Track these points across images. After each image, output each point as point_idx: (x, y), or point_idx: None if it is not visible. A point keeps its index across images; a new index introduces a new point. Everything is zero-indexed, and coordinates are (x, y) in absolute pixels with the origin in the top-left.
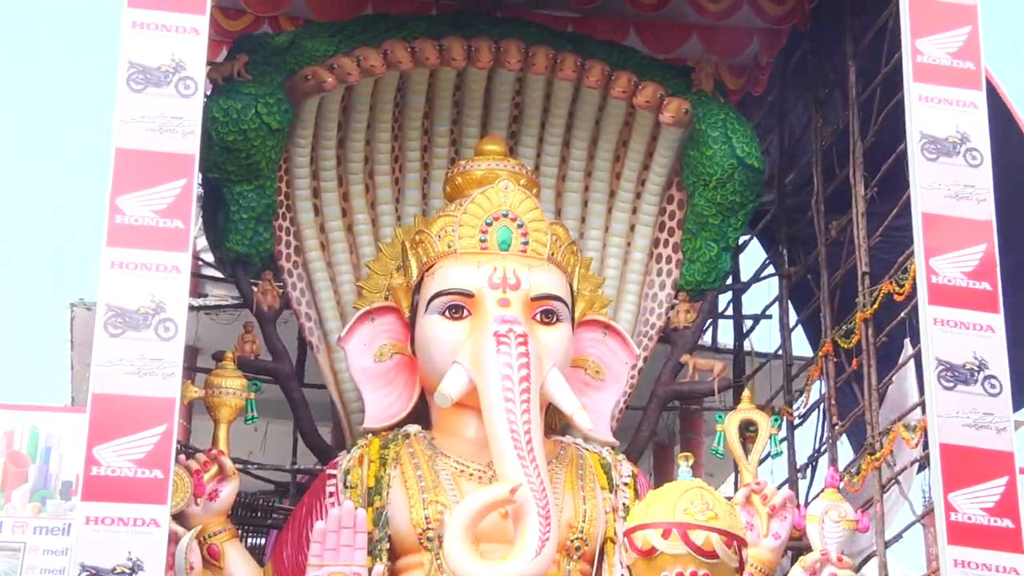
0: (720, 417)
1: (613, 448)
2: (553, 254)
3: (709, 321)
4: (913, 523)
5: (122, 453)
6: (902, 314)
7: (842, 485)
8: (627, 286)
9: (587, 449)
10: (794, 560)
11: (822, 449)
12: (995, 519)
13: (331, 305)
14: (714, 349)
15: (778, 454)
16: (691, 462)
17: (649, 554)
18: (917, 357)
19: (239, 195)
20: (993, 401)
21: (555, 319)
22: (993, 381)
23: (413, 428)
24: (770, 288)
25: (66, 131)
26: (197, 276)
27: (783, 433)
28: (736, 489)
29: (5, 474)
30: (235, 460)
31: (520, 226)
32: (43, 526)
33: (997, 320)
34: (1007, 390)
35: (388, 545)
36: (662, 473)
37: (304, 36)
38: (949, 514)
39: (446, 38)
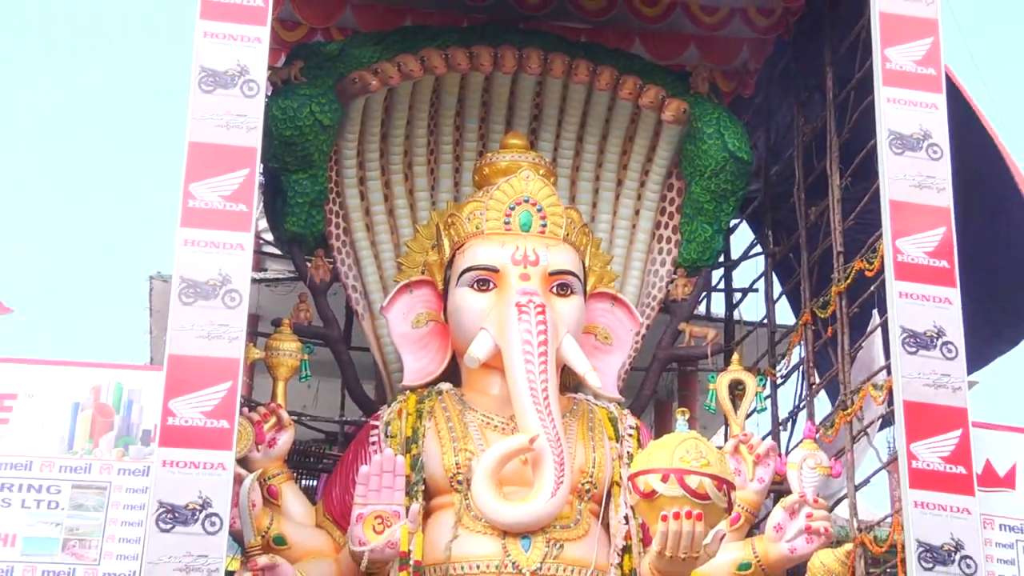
0: (712, 377)
1: (619, 404)
2: (568, 235)
3: (703, 294)
4: (879, 469)
5: (194, 406)
6: (871, 288)
7: (818, 436)
8: (632, 263)
9: (596, 404)
10: (776, 501)
11: (801, 405)
12: (950, 466)
13: (374, 279)
14: (707, 318)
15: (763, 409)
16: (687, 416)
17: (650, 496)
18: (884, 326)
19: (295, 183)
20: (950, 364)
21: (569, 292)
22: (950, 347)
23: (445, 386)
24: (757, 265)
25: (147, 126)
26: (258, 253)
27: (767, 391)
28: (726, 440)
29: (93, 423)
30: (291, 413)
31: (539, 210)
32: (126, 468)
33: (954, 294)
34: (962, 355)
35: (423, 487)
36: (662, 426)
37: (352, 45)
38: (911, 462)
39: (475, 47)
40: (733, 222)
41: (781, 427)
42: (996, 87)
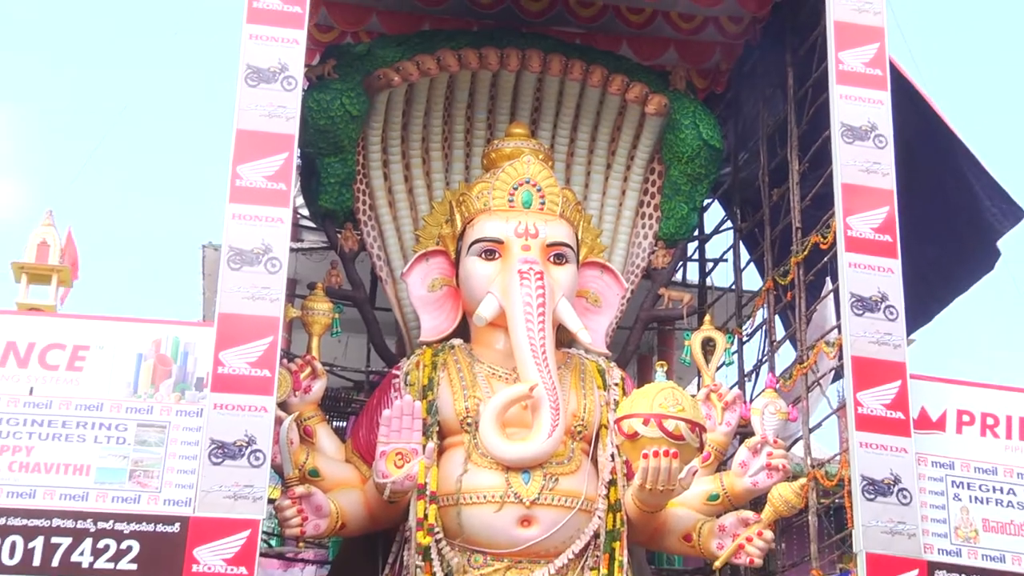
0: (687, 335)
1: (607, 358)
2: (563, 211)
3: (680, 263)
4: (830, 415)
5: (240, 357)
6: (825, 259)
7: (778, 387)
8: (619, 236)
9: (587, 358)
10: (741, 442)
11: (763, 360)
12: (890, 412)
13: (396, 248)
14: (683, 284)
15: (730, 363)
16: (665, 368)
17: (633, 437)
18: (835, 291)
19: (327, 165)
20: (891, 324)
21: (564, 261)
22: (892, 309)
23: (457, 341)
24: (727, 239)
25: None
26: (296, 226)
27: (734, 348)
28: (699, 389)
29: (155, 371)
30: (323, 364)
31: (539, 190)
32: (182, 410)
33: (896, 264)
34: (902, 316)
35: (437, 428)
36: (643, 377)
37: (377, 46)
38: (857, 408)
39: (484, 48)
40: (706, 201)
41: (746, 378)
42: (938, 85)
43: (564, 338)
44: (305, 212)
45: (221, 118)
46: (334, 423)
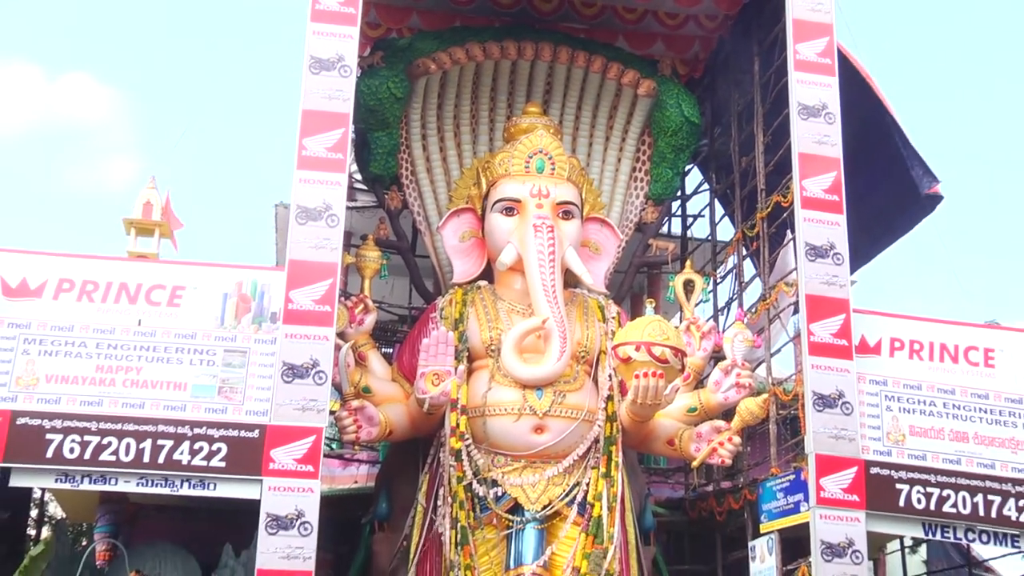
0: (672, 277)
1: (605, 296)
2: (570, 176)
3: (666, 218)
4: (788, 342)
5: (307, 295)
6: (784, 215)
7: (746, 320)
8: (615, 196)
9: (589, 296)
10: (715, 364)
11: (734, 297)
12: (836, 339)
13: (433, 207)
14: (668, 235)
15: (706, 300)
16: (654, 305)
17: (626, 361)
18: (793, 241)
19: (376, 138)
20: (838, 268)
21: (571, 216)
22: (838, 256)
23: (483, 283)
24: (704, 198)
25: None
26: (351, 188)
27: (710, 288)
28: (681, 322)
29: (237, 307)
30: (374, 301)
31: (550, 158)
32: (260, 339)
33: (841, 219)
34: (847, 260)
35: (467, 354)
36: (635, 312)
37: (417, 40)
38: (809, 337)
39: (505, 41)
40: (687, 167)
41: (719, 312)
42: (877, 69)
43: (570, 280)
44: (358, 176)
45: (290, 100)
46: (383, 349)
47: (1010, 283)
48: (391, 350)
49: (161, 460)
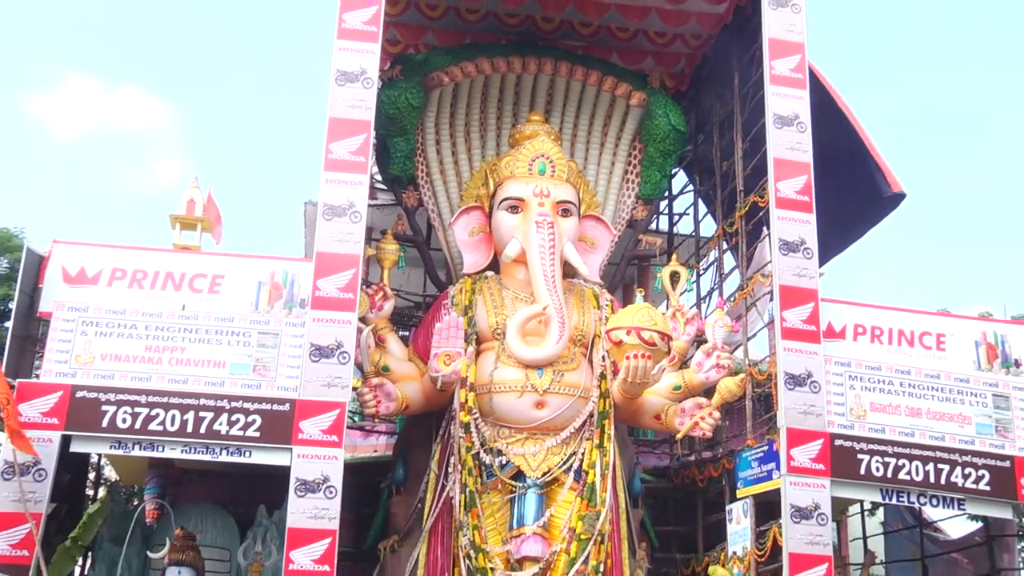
0: (659, 269)
1: (600, 286)
2: (569, 177)
3: (654, 215)
4: (763, 327)
5: (331, 283)
6: (761, 213)
7: (726, 307)
8: (609, 196)
9: (585, 286)
10: (698, 347)
11: (714, 287)
12: (806, 325)
13: (445, 205)
14: (657, 231)
15: (690, 290)
16: (643, 294)
17: (618, 344)
18: (769, 237)
19: (395, 143)
20: (808, 261)
21: (569, 214)
22: (808, 250)
23: (490, 273)
24: (689, 198)
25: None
26: (372, 187)
27: (694, 278)
28: (667, 309)
29: (270, 294)
30: (392, 289)
31: (551, 161)
32: (290, 322)
33: (811, 217)
34: (816, 255)
35: (476, 337)
36: (626, 299)
37: (432, 55)
38: (782, 323)
39: (511, 56)
40: (674, 170)
41: (702, 301)
42: (842, 83)
43: (568, 271)
44: (379, 177)
45: (318, 108)
46: (400, 332)
47: (960, 274)
48: (407, 333)
49: (203, 430)
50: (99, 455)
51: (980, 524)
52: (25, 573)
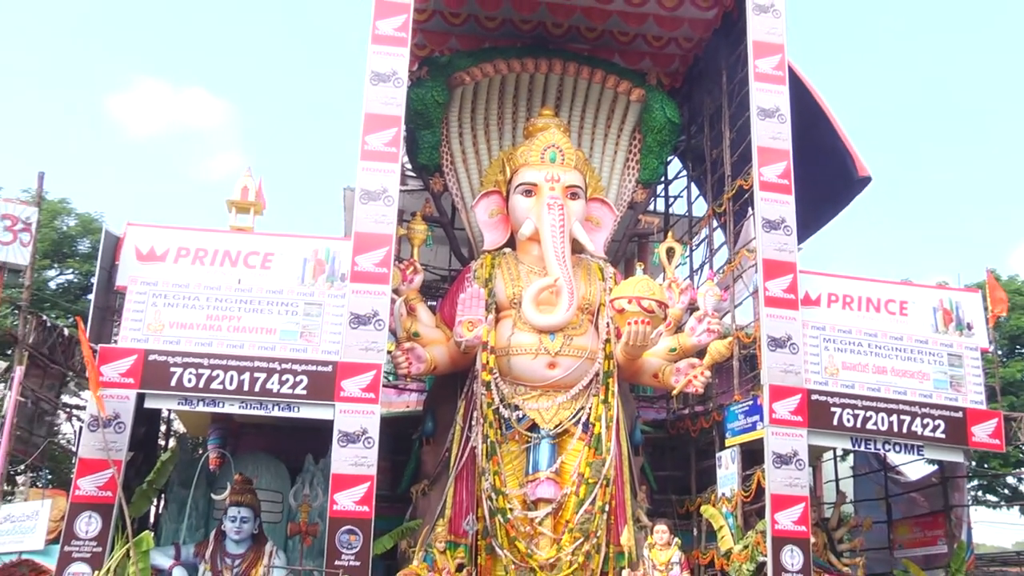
0: (656, 245)
1: (605, 260)
2: (576, 165)
3: (652, 198)
4: (748, 296)
5: (369, 259)
6: (746, 195)
7: (715, 278)
8: (612, 181)
9: (592, 261)
10: (691, 314)
11: (705, 261)
12: (786, 294)
13: (468, 189)
14: (654, 212)
15: (684, 263)
16: (642, 267)
17: (621, 312)
18: (753, 216)
19: (422, 135)
20: (787, 238)
21: (577, 197)
22: (788, 228)
23: (507, 250)
24: (683, 182)
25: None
26: (402, 174)
27: (687, 253)
28: (664, 280)
29: (315, 269)
30: (421, 264)
31: (560, 151)
32: (332, 294)
33: (791, 199)
34: (795, 233)
35: (495, 306)
36: (628, 272)
37: (455, 58)
38: (765, 292)
39: (525, 58)
40: (669, 158)
41: (695, 273)
42: (817, 77)
43: (577, 247)
44: (409, 165)
45: (355, 105)
46: (428, 302)
47: (921, 249)
48: (435, 303)
49: (257, 389)
50: (169, 410)
51: (936, 467)
52: (110, 511)
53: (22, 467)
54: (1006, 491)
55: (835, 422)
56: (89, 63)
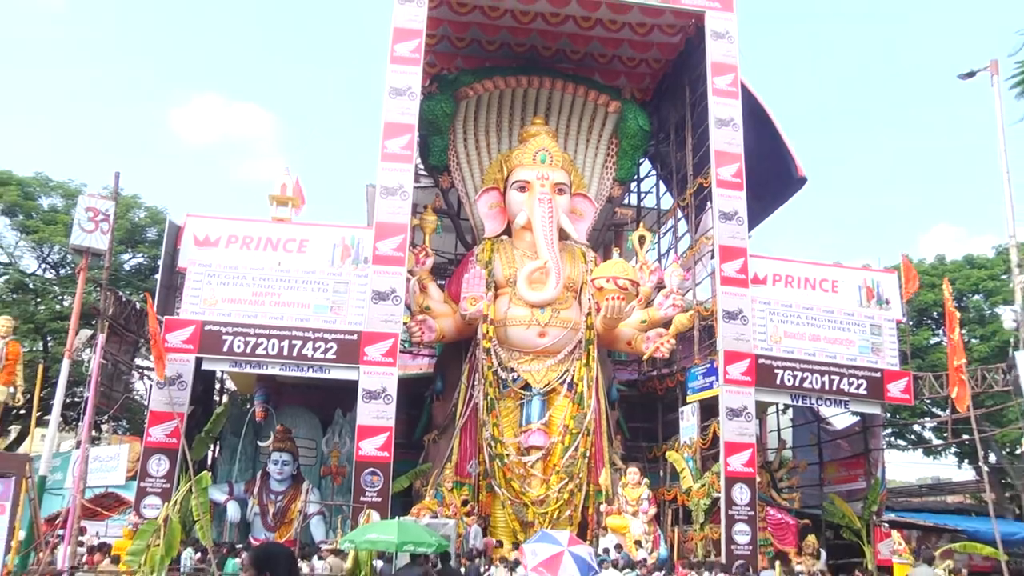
0: (630, 232)
1: (586, 246)
2: (563, 165)
3: (626, 193)
4: (707, 276)
5: (388, 245)
6: (706, 191)
7: (679, 261)
8: (593, 179)
9: (576, 246)
10: (659, 291)
11: (671, 247)
12: (739, 274)
13: (471, 186)
14: (628, 205)
15: (653, 248)
16: (618, 252)
17: (600, 289)
18: (711, 209)
19: (433, 141)
20: (739, 227)
21: (563, 192)
22: (739, 218)
23: (504, 237)
24: (652, 180)
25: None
26: (416, 173)
27: (656, 240)
28: (636, 263)
29: (342, 253)
30: (432, 249)
31: (549, 153)
32: (357, 274)
33: (742, 194)
34: (746, 222)
35: (494, 284)
36: (606, 256)
37: (460, 75)
38: (720, 272)
39: (519, 76)
40: (641, 160)
41: (662, 257)
42: (764, 90)
43: (563, 235)
44: (421, 166)
45: (376, 115)
46: (438, 281)
47: (848, 235)
48: (443, 282)
49: (295, 354)
50: (222, 371)
51: (858, 418)
52: (175, 454)
53: (105, 417)
54: (913, 437)
55: (778, 382)
56: (153, 82)
